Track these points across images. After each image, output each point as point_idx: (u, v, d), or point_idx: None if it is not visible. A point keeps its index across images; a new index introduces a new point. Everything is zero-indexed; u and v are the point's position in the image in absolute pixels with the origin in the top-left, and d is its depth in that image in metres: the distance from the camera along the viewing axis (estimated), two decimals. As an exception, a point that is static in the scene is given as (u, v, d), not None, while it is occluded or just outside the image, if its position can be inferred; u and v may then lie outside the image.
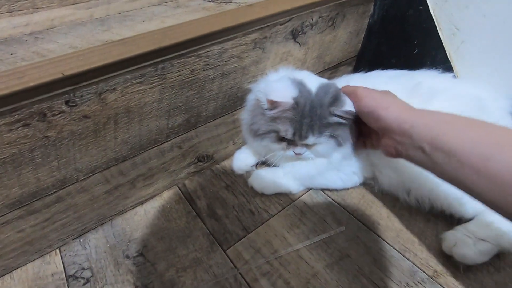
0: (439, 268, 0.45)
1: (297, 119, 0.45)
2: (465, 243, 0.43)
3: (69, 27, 0.44)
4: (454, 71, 0.60)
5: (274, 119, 0.46)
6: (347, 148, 0.50)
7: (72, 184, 0.44)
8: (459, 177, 0.31)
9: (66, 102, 0.36)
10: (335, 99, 0.44)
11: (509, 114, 0.51)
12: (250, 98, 0.53)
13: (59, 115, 0.37)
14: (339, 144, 0.48)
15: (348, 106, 0.44)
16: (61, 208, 0.45)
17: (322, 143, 0.47)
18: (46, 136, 0.37)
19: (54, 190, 0.42)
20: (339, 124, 0.46)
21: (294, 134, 0.46)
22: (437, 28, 0.60)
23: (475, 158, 0.29)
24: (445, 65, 0.60)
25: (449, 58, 0.60)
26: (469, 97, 0.53)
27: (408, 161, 0.37)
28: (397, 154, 0.38)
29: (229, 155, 0.63)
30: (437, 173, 0.34)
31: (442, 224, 0.50)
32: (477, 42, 0.56)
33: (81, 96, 0.37)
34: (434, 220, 0.51)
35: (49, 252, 0.47)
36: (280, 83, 0.47)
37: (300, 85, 0.46)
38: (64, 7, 0.52)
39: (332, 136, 0.47)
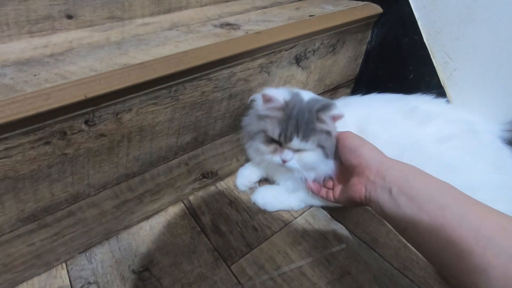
0: (437, 285, 0.46)
1: (284, 120, 0.46)
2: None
3: (87, 50, 0.47)
4: (447, 96, 0.64)
5: (264, 118, 0.48)
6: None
7: (84, 199, 0.45)
8: (416, 222, 0.32)
9: (86, 122, 0.38)
10: (325, 106, 0.46)
11: (498, 138, 0.54)
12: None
13: (78, 134, 0.39)
14: (326, 156, 0.48)
15: (336, 111, 0.46)
16: (71, 222, 0.46)
17: (308, 150, 0.48)
18: (64, 153, 0.39)
19: (67, 205, 0.44)
20: (327, 134, 0.47)
21: (280, 134, 0.47)
22: (431, 56, 0.64)
23: (433, 206, 0.31)
24: (439, 91, 0.64)
25: (442, 84, 0.64)
26: (461, 121, 0.56)
27: (370, 203, 0.40)
28: (364, 194, 0.40)
29: (233, 172, 0.65)
30: (394, 216, 0.35)
31: (438, 242, 0.52)
32: (468, 71, 0.60)
33: (100, 116, 0.39)
34: (430, 238, 0.53)
35: (55, 266, 0.48)
36: (277, 88, 0.50)
37: (295, 94, 0.49)
38: (81, 29, 0.55)
39: (319, 146, 0.47)
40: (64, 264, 0.49)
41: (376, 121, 0.56)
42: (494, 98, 0.58)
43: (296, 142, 0.46)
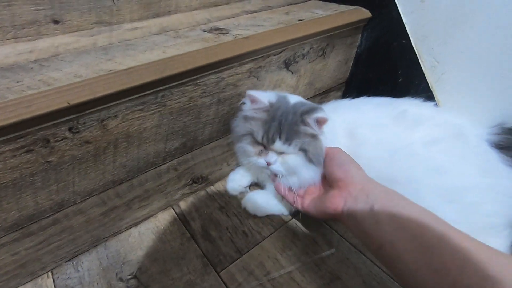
0: (425, 290, 0.46)
1: (268, 121, 0.46)
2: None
3: (73, 55, 0.46)
4: (436, 100, 0.64)
5: (250, 119, 0.48)
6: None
7: (70, 206, 0.44)
8: (395, 240, 0.33)
9: (70, 129, 0.38)
10: (310, 109, 0.46)
11: (485, 141, 0.55)
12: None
13: (62, 141, 0.38)
14: (309, 160, 0.47)
15: (321, 114, 0.45)
16: (57, 230, 0.45)
17: (291, 153, 0.47)
18: (48, 161, 0.38)
19: (52, 213, 0.43)
20: (312, 138, 0.46)
21: (263, 137, 0.46)
22: (419, 60, 0.64)
23: (415, 225, 0.32)
24: (428, 94, 0.65)
25: (430, 88, 0.65)
26: (449, 124, 0.56)
27: (346, 217, 0.40)
28: (341, 207, 0.41)
29: (223, 177, 0.65)
30: (371, 233, 0.36)
31: (428, 246, 0.52)
32: (456, 75, 0.61)
33: (84, 123, 0.39)
34: (420, 242, 0.53)
35: (41, 275, 0.47)
36: (265, 92, 0.50)
37: (281, 97, 0.49)
38: (67, 34, 0.55)
39: (302, 150, 0.47)
40: (50, 273, 0.48)
41: (365, 125, 0.56)
42: (481, 101, 0.59)
43: (278, 145, 0.46)
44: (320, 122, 0.46)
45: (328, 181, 0.47)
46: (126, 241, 0.53)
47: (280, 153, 0.48)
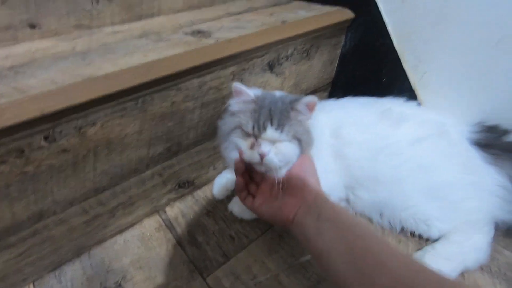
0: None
1: (256, 110, 0.45)
2: (432, 262, 0.46)
3: (51, 61, 0.45)
4: (419, 99, 0.65)
5: (237, 113, 0.46)
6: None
7: (50, 217, 0.43)
8: (330, 248, 0.35)
9: (45, 138, 0.37)
10: (297, 99, 0.45)
11: (466, 139, 0.55)
12: None
13: (37, 151, 0.37)
14: (303, 151, 0.46)
15: (310, 98, 0.44)
16: (37, 241, 0.44)
17: (284, 140, 0.45)
18: (24, 172, 0.37)
19: (31, 224, 0.42)
20: (305, 130, 0.46)
21: (253, 126, 0.44)
22: (401, 60, 0.65)
23: (350, 236, 0.35)
24: (411, 93, 0.65)
25: (413, 87, 0.65)
26: (432, 122, 0.57)
27: (295, 225, 0.41)
28: (292, 215, 0.41)
29: (210, 180, 0.64)
30: (313, 242, 0.38)
31: (413, 244, 0.53)
32: (438, 74, 0.62)
33: (61, 131, 0.38)
34: (405, 240, 0.54)
35: (23, 286, 0.46)
36: (250, 88, 0.48)
37: (266, 92, 0.48)
38: (46, 39, 0.53)
39: (296, 139, 0.45)
40: (31, 285, 0.46)
41: (350, 125, 0.57)
42: (462, 100, 0.60)
43: (270, 131, 0.44)
44: (310, 106, 0.45)
45: (285, 185, 0.45)
46: (110, 249, 0.52)
47: (273, 142, 0.45)
